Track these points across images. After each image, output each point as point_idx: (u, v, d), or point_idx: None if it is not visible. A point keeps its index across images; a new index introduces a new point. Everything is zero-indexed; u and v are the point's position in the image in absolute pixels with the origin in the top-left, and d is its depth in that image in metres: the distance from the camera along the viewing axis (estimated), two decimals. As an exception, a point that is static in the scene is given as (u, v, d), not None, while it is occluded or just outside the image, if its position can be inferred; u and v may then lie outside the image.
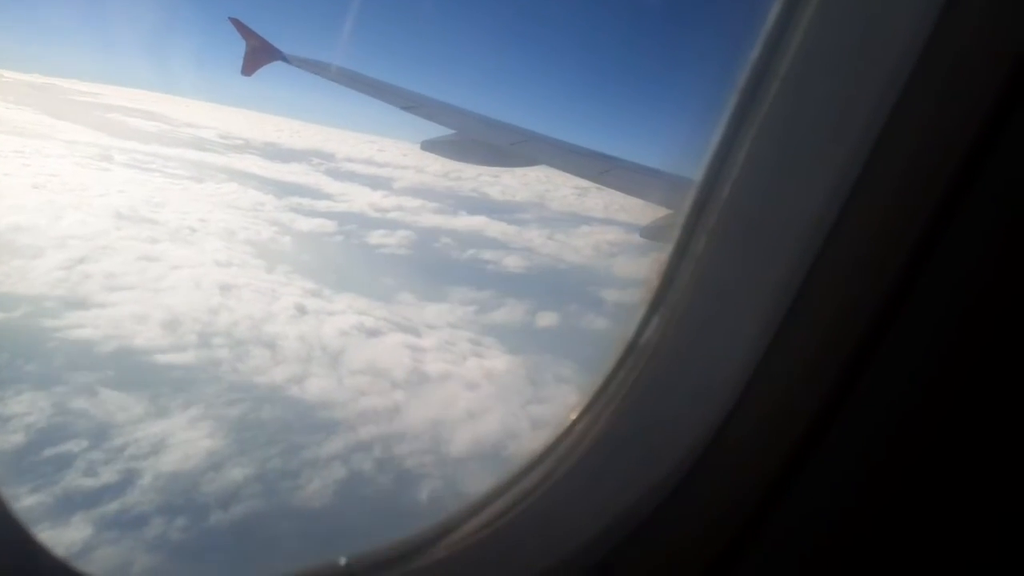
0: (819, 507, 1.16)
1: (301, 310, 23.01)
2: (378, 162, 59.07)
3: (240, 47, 13.72)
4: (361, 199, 42.68)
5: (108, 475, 11.95)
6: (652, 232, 9.10)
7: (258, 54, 13.66)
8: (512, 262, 33.55)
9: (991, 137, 0.96)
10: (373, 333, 22.32)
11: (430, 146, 11.76)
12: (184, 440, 13.25)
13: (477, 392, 19.67)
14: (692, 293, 1.20)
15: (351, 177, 50.36)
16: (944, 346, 1.04)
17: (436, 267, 31.59)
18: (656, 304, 1.25)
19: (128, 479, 11.92)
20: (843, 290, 1.10)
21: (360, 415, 16.57)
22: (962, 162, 0.97)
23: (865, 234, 1.08)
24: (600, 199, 51.15)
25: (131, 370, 16.66)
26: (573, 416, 1.34)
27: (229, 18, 14.21)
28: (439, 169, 55.23)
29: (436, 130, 11.99)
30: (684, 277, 1.20)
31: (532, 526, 1.30)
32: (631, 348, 1.28)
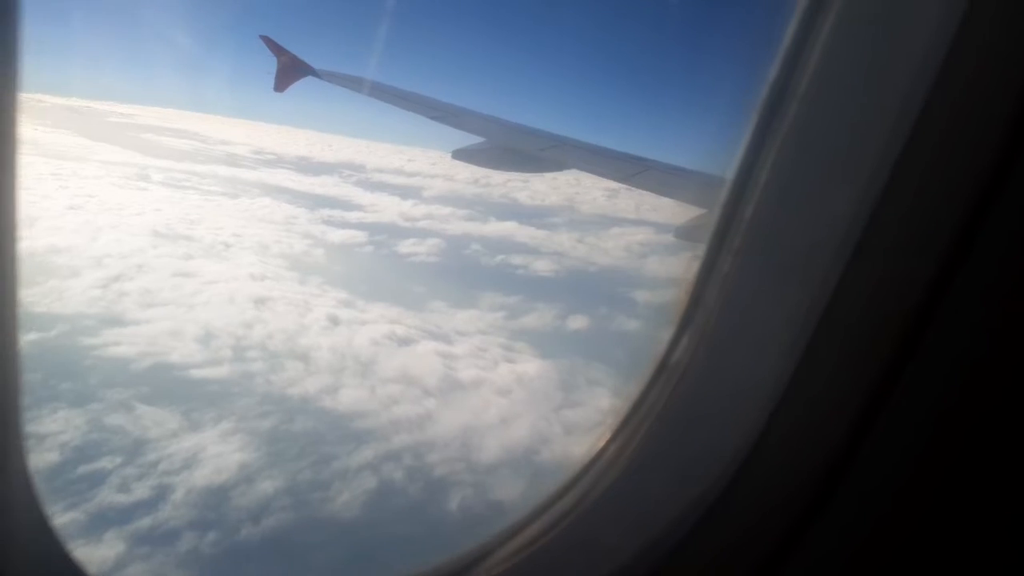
0: (855, 520, 1.15)
1: (334, 321, 23.18)
2: (408, 172, 59.53)
3: (272, 64, 13.91)
4: (392, 209, 43.00)
5: (141, 491, 12.07)
6: (686, 232, 9.09)
7: (289, 70, 13.78)
8: (542, 266, 33.49)
9: (1013, 148, 0.95)
10: (405, 342, 22.40)
11: (461, 155, 11.85)
12: (216, 454, 13.35)
13: (509, 398, 19.62)
14: (720, 313, 1.20)
15: (381, 187, 50.76)
16: (975, 360, 1.02)
17: (466, 274, 31.65)
18: (685, 323, 1.26)
19: (161, 494, 12.03)
20: (870, 307, 1.09)
21: (392, 424, 16.60)
22: (984, 174, 0.97)
23: (890, 251, 1.07)
24: (631, 200, 50.86)
25: (166, 385, 16.88)
26: (607, 436, 1.34)
27: (260, 36, 14.36)
28: (468, 177, 55.47)
29: (466, 139, 12.21)
30: (712, 297, 1.21)
31: (571, 548, 1.30)
32: (662, 368, 1.28)
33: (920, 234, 1.04)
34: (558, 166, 12.64)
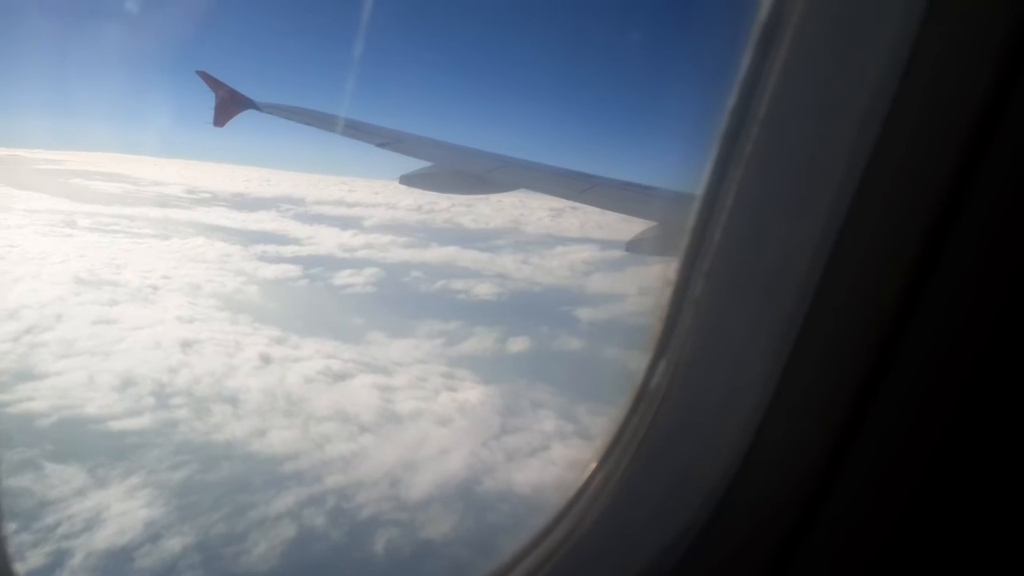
0: (840, 537, 1.15)
1: (265, 360, 22.34)
2: (349, 202, 58.67)
3: (211, 100, 13.59)
4: (329, 241, 42.07)
5: (35, 558, 11.09)
6: (637, 245, 9.21)
7: (228, 104, 13.49)
8: (484, 290, 32.94)
9: (972, 161, 0.97)
10: (340, 376, 21.67)
11: (408, 180, 11.80)
12: (121, 512, 12.41)
13: (449, 428, 19.02)
14: (695, 337, 1.20)
15: (320, 220, 49.76)
16: (948, 369, 1.03)
17: (405, 302, 30.96)
18: (661, 349, 1.25)
19: (57, 561, 11.07)
20: (842, 323, 1.11)
21: (322, 465, 15.85)
22: (945, 186, 0.99)
23: (858, 267, 1.08)
24: (576, 219, 50.95)
25: (80, 440, 15.87)
26: (590, 469, 1.33)
27: (196, 71, 14.11)
28: (411, 204, 55.01)
29: (413, 164, 12.01)
30: (686, 322, 1.21)
31: None
32: (641, 396, 1.28)
33: (888, 248, 1.06)
34: (507, 186, 12.63)
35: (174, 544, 11.56)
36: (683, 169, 1.29)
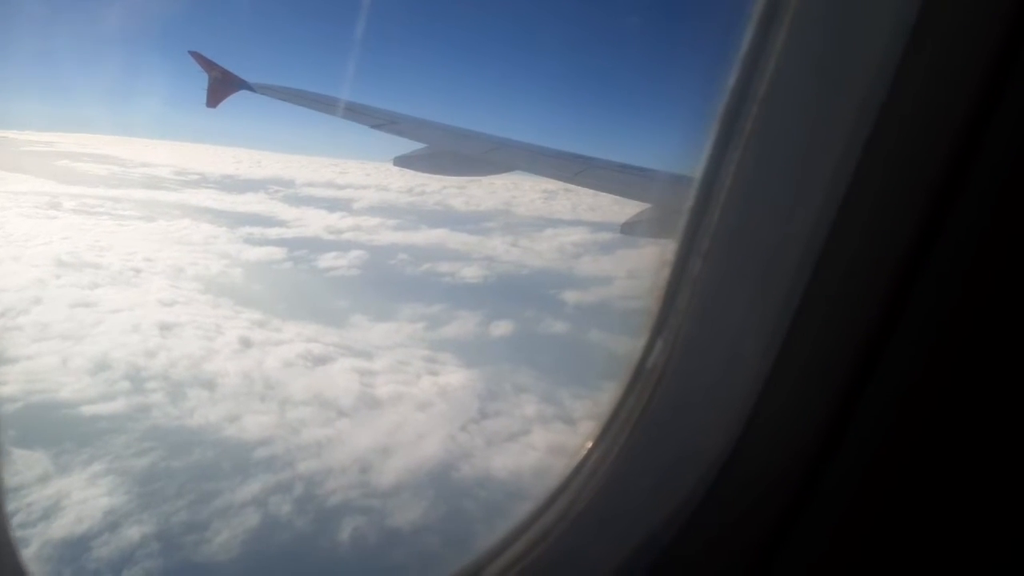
0: (836, 519, 1.15)
1: (246, 343, 22.04)
2: (339, 184, 58.16)
3: (204, 80, 13.34)
4: (317, 223, 41.74)
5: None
6: (632, 227, 9.22)
7: (221, 85, 13.25)
8: (470, 272, 32.65)
9: (970, 145, 0.97)
10: (321, 360, 21.40)
11: (402, 162, 11.63)
12: (80, 500, 12.13)
13: (428, 412, 18.77)
14: (693, 316, 1.21)
15: (309, 202, 49.39)
16: (944, 345, 1.04)
17: (390, 285, 30.67)
18: (659, 328, 1.26)
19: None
20: (840, 301, 1.10)
21: (295, 450, 15.59)
22: (946, 170, 0.98)
23: (857, 245, 1.08)
24: (568, 201, 50.57)
25: (50, 425, 15.56)
26: (588, 446, 1.33)
27: (189, 52, 13.79)
28: (403, 185, 54.56)
29: (408, 146, 11.81)
30: (684, 301, 1.21)
31: (557, 563, 1.30)
32: (638, 374, 1.28)
33: (885, 229, 1.06)
34: (502, 168, 12.55)
35: (133, 533, 11.31)
36: (680, 151, 1.28)
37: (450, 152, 12.08)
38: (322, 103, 14.04)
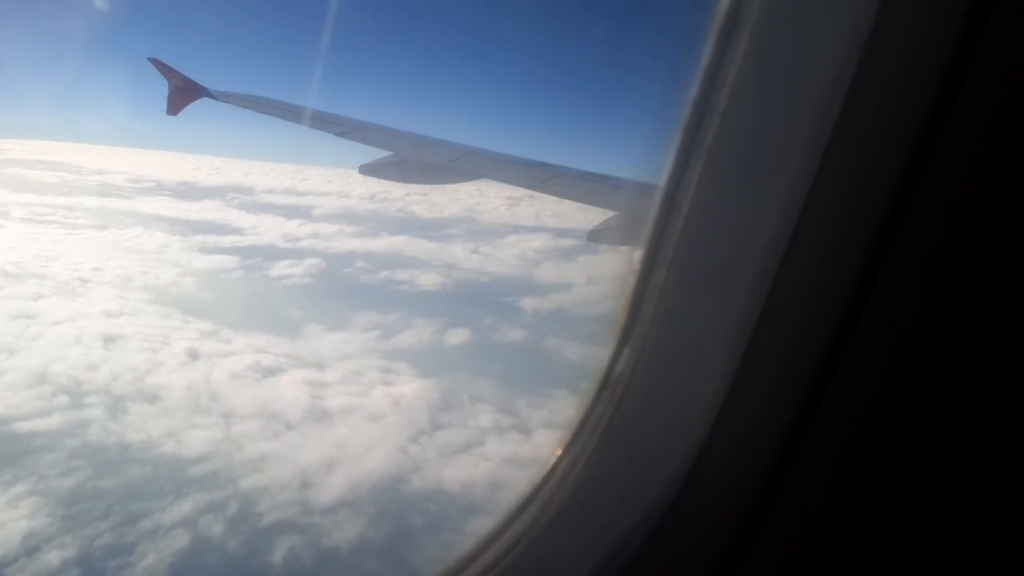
0: (802, 522, 1.17)
1: (193, 355, 21.38)
2: (299, 191, 57.30)
3: (165, 88, 13.25)
4: (273, 230, 40.88)
5: None
6: (599, 235, 9.22)
7: (182, 93, 13.20)
8: (429, 280, 32.15)
9: (927, 148, 0.99)
10: (271, 372, 20.80)
11: (368, 170, 11.60)
12: (-2, 524, 11.49)
13: (380, 424, 18.30)
14: (659, 324, 1.23)
15: (267, 209, 48.41)
16: (906, 347, 1.06)
17: (345, 293, 30.01)
18: (625, 337, 1.27)
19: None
20: (801, 309, 1.13)
21: (235, 467, 15.02)
22: (904, 175, 1.01)
23: (817, 254, 1.11)
24: (532, 208, 50.31)
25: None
26: (556, 455, 1.34)
27: (149, 59, 13.68)
28: (365, 192, 53.93)
29: (374, 154, 11.78)
30: (649, 309, 1.23)
31: (528, 572, 1.31)
32: (605, 383, 1.30)
33: (845, 236, 1.07)
34: (468, 176, 12.32)
35: (52, 559, 10.69)
36: (646, 159, 1.30)
37: (416, 160, 12.04)
38: (285, 111, 13.82)
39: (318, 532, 12.29)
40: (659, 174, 1.21)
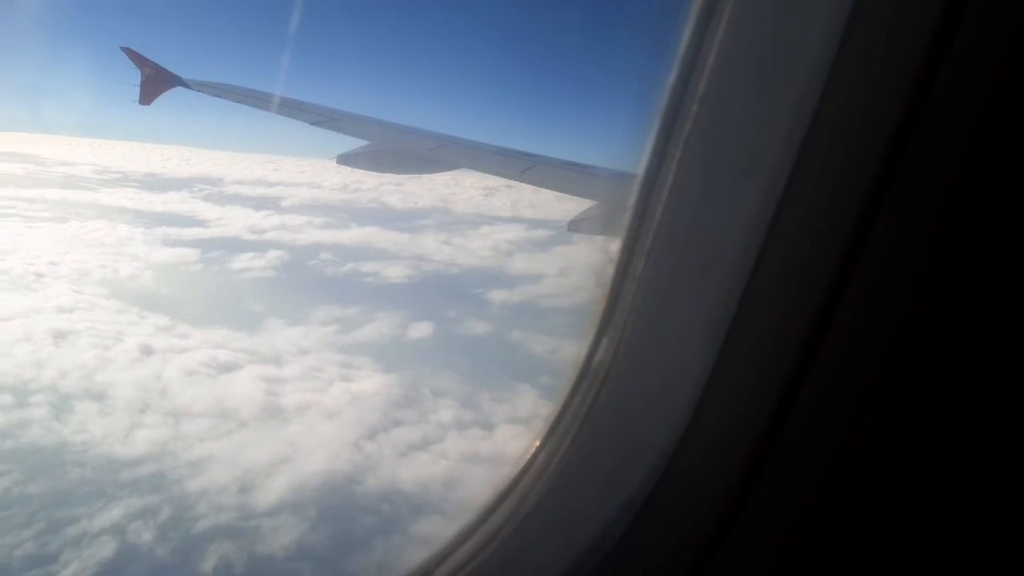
0: (780, 510, 1.17)
1: (146, 351, 20.71)
2: (270, 182, 56.44)
3: (137, 77, 13.05)
4: (239, 222, 40.13)
5: None
6: (578, 225, 9.14)
7: (155, 82, 13.08)
8: (395, 272, 31.52)
9: (905, 135, 0.99)
10: (227, 368, 20.21)
11: (346, 160, 11.45)
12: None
13: (336, 421, 17.76)
14: (637, 313, 1.23)
15: (235, 200, 47.64)
16: (885, 337, 1.06)
17: (308, 286, 29.39)
18: (604, 327, 1.28)
19: None
20: (780, 298, 1.14)
21: (179, 468, 14.45)
22: (880, 163, 1.01)
23: (797, 242, 1.11)
24: (508, 198, 49.78)
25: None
26: (535, 446, 1.34)
27: (121, 48, 13.57)
28: (338, 183, 53.20)
29: (350, 143, 11.59)
30: (628, 299, 1.23)
31: (505, 566, 1.32)
32: (584, 373, 1.31)
33: (824, 225, 1.08)
34: (447, 166, 12.35)
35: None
36: (626, 147, 1.29)
37: (394, 150, 11.90)
38: (260, 100, 13.61)
39: (255, 537, 11.76)
40: (638, 162, 1.20)
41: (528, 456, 1.34)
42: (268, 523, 12.51)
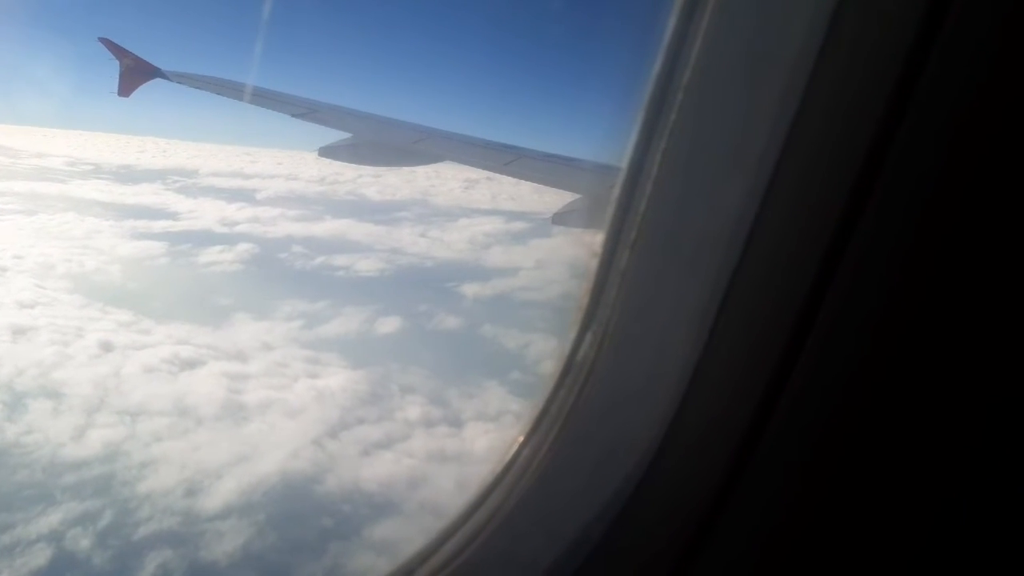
0: (766, 505, 1.17)
1: (106, 347, 20.18)
2: (246, 174, 55.56)
3: (115, 68, 12.95)
4: (211, 215, 39.27)
5: None
6: (563, 218, 9.10)
7: (134, 73, 12.96)
8: (367, 265, 30.98)
9: (889, 132, 0.99)
10: (189, 365, 19.71)
11: (328, 152, 11.39)
12: None
13: (298, 419, 17.34)
14: (621, 308, 1.23)
15: (209, 192, 46.79)
16: (870, 330, 1.06)
17: (277, 280, 28.88)
18: (588, 321, 1.28)
19: None
20: (766, 291, 1.13)
21: (130, 470, 13.99)
22: (868, 155, 1.01)
23: (781, 235, 1.11)
24: (489, 190, 49.30)
25: None
26: (519, 442, 1.34)
27: (99, 38, 13.43)
28: (315, 175, 52.55)
29: (332, 135, 11.51)
30: (612, 293, 1.23)
31: (488, 565, 1.31)
32: (568, 368, 1.30)
33: (810, 218, 1.07)
34: (431, 158, 12.32)
35: None
36: (611, 139, 1.28)
37: (377, 142, 11.83)
38: (240, 91, 13.64)
39: (202, 542, 11.33)
40: (623, 155, 1.18)
41: (511, 453, 1.33)
42: (218, 526, 12.08)
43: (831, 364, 1.07)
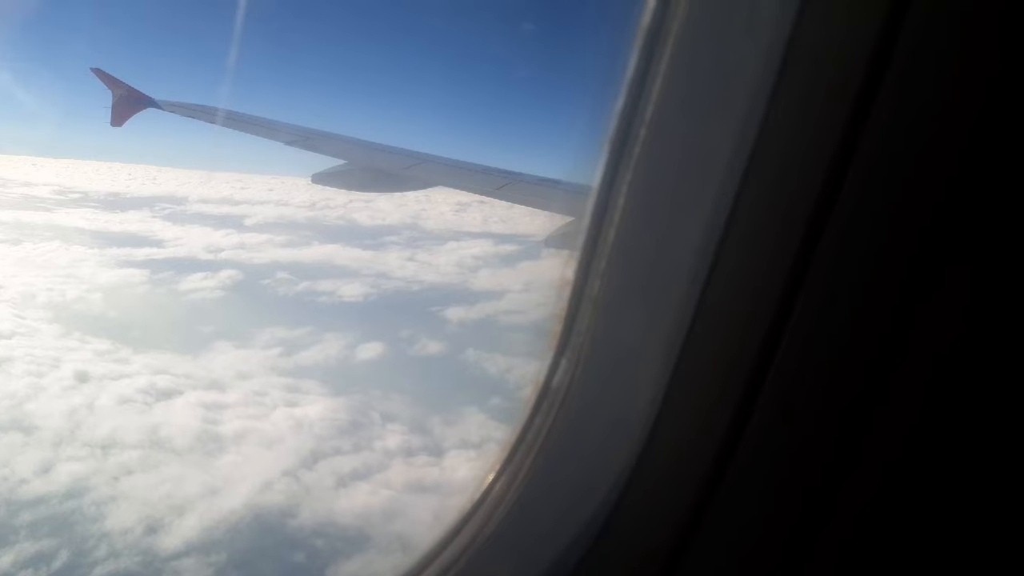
0: (739, 527, 1.19)
1: (82, 378, 19.84)
2: (235, 200, 55.60)
3: (109, 99, 12.95)
4: (197, 242, 39.19)
5: None
6: (555, 240, 9.22)
7: (127, 103, 13.00)
8: (351, 290, 30.73)
9: (851, 140, 1.02)
10: (166, 395, 19.36)
11: (321, 179, 11.46)
12: None
13: (275, 449, 16.97)
14: (594, 335, 1.25)
15: (197, 219, 46.74)
16: (839, 353, 1.08)
17: (258, 307, 28.56)
18: (562, 348, 1.30)
19: None
20: (732, 316, 1.16)
21: (97, 505, 13.61)
22: (829, 176, 1.03)
23: (744, 262, 1.14)
24: (480, 213, 49.21)
25: None
26: (494, 470, 1.35)
27: (92, 69, 13.55)
28: (305, 200, 52.43)
29: (325, 162, 11.59)
30: (584, 320, 1.26)
31: None
32: (544, 393, 1.32)
33: (769, 244, 1.10)
34: (423, 184, 12.38)
35: None
36: (591, 165, 1.28)
37: (370, 168, 11.84)
38: (233, 120, 13.57)
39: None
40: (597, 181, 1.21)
41: (487, 481, 1.34)
42: (178, 565, 11.70)
43: (799, 385, 1.10)
